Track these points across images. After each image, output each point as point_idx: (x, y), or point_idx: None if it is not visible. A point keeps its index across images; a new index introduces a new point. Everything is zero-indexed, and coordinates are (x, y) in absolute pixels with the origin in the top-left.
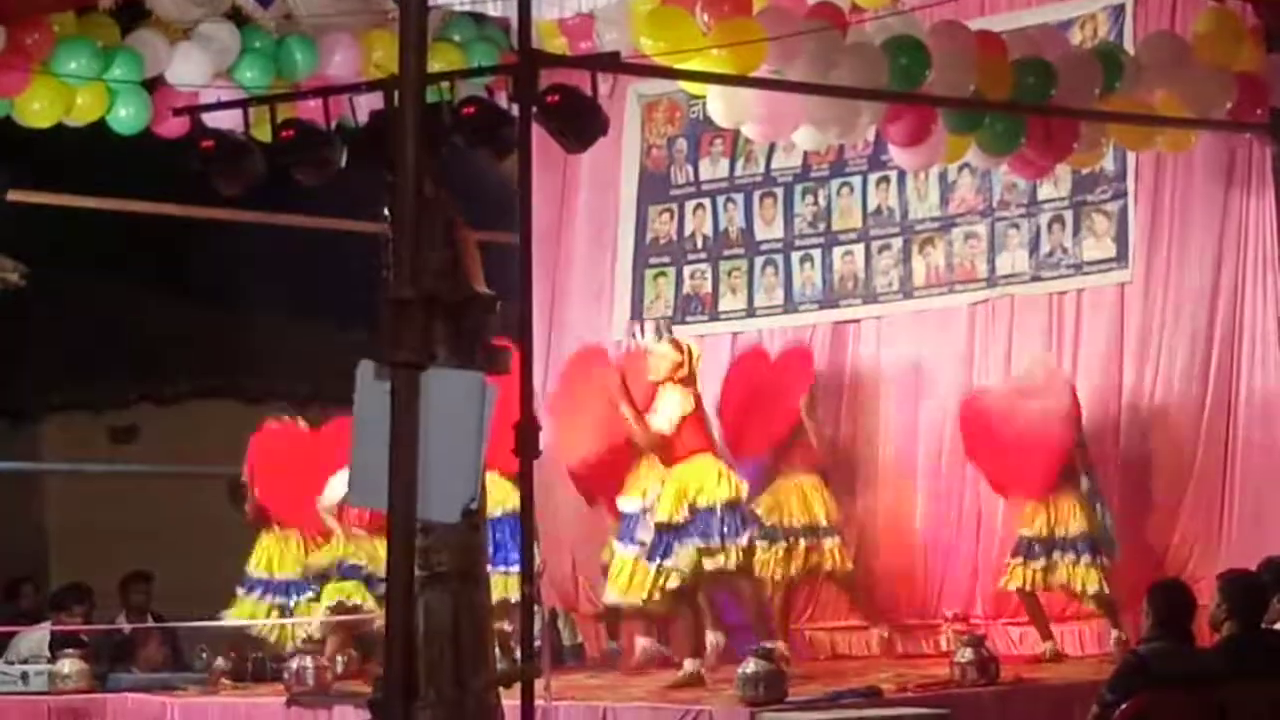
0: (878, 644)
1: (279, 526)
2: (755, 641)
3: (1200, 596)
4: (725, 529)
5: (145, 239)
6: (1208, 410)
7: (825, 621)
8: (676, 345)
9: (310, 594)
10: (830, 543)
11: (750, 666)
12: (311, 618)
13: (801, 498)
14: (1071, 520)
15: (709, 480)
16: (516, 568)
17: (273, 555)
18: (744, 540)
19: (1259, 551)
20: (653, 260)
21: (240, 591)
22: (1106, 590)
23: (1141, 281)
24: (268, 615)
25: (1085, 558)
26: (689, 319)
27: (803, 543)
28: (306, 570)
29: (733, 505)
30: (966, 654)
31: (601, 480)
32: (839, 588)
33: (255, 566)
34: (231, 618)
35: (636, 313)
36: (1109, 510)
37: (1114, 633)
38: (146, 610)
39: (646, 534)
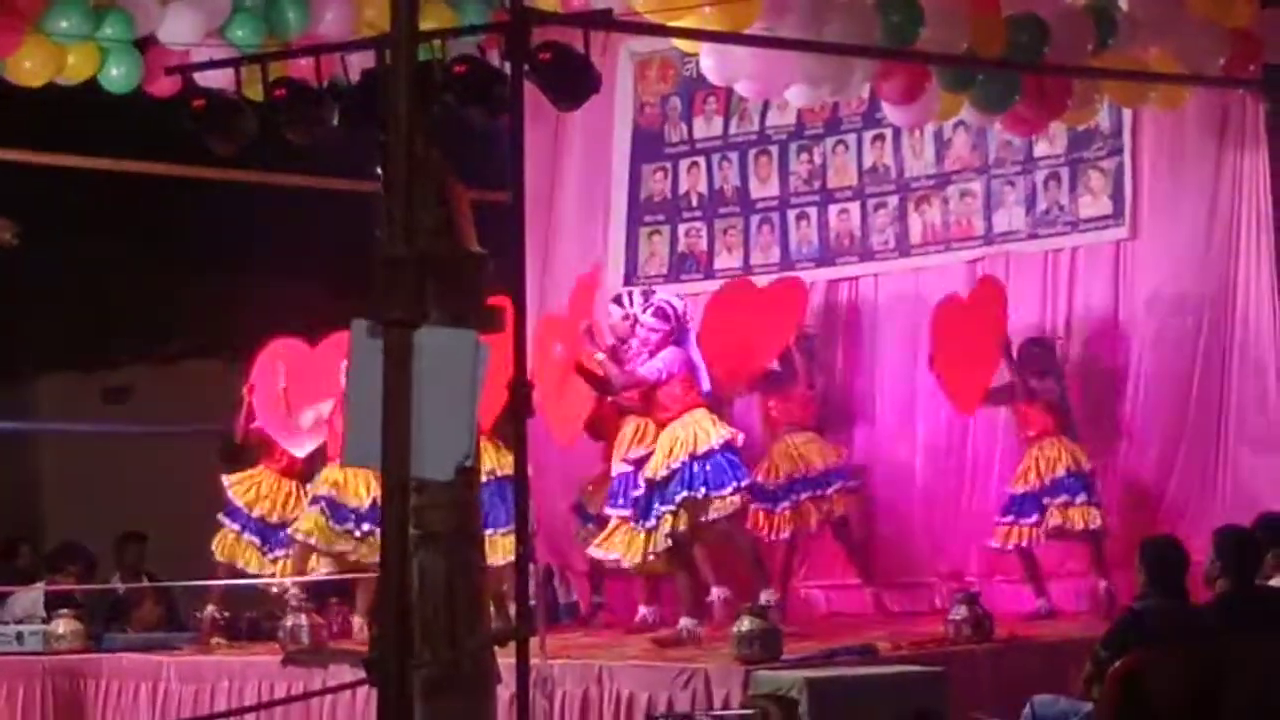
0: (873, 602)
1: (267, 458)
2: (754, 597)
3: (1194, 553)
4: (724, 476)
5: (138, 199)
6: (1201, 367)
7: (820, 579)
8: (663, 314)
9: (284, 552)
10: (834, 487)
11: (745, 625)
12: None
13: (798, 454)
14: (1059, 463)
15: (701, 431)
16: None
17: (260, 490)
18: (743, 484)
19: (1253, 508)
20: (647, 219)
21: (223, 518)
22: (1097, 525)
23: (1137, 239)
24: (246, 553)
25: (1080, 496)
26: (684, 277)
27: (804, 495)
28: (284, 519)
29: (728, 448)
30: (961, 611)
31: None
32: (838, 543)
33: (239, 494)
34: (215, 548)
35: (631, 270)
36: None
37: (1101, 583)
38: (141, 570)
39: (638, 493)
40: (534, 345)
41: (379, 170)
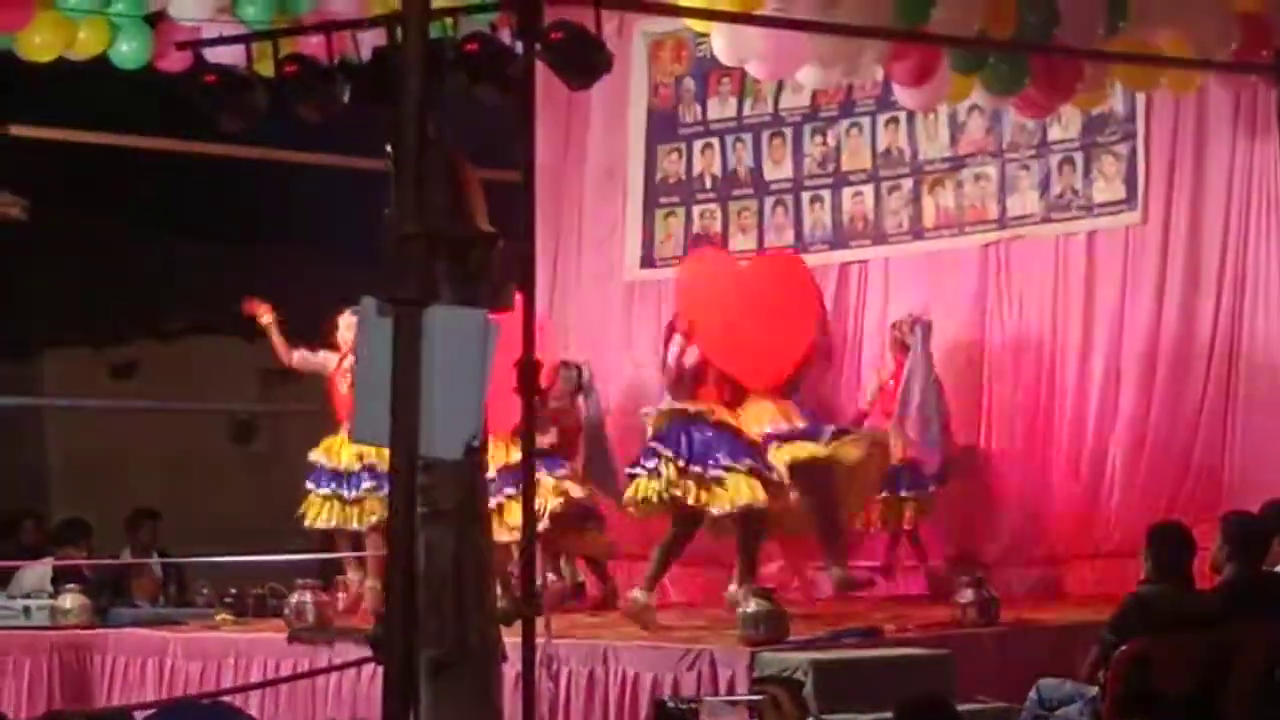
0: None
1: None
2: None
3: (1201, 539)
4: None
5: (147, 175)
6: (1215, 353)
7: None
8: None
9: (370, 483)
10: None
11: (751, 606)
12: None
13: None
14: None
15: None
16: None
17: (333, 441)
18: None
19: (1260, 494)
20: (662, 200)
21: (309, 484)
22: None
23: (1150, 223)
24: (325, 507)
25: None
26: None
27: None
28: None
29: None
30: (967, 595)
31: None
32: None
33: (318, 452)
34: (304, 514)
35: (648, 252)
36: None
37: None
38: (152, 547)
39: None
40: None
41: (389, 148)
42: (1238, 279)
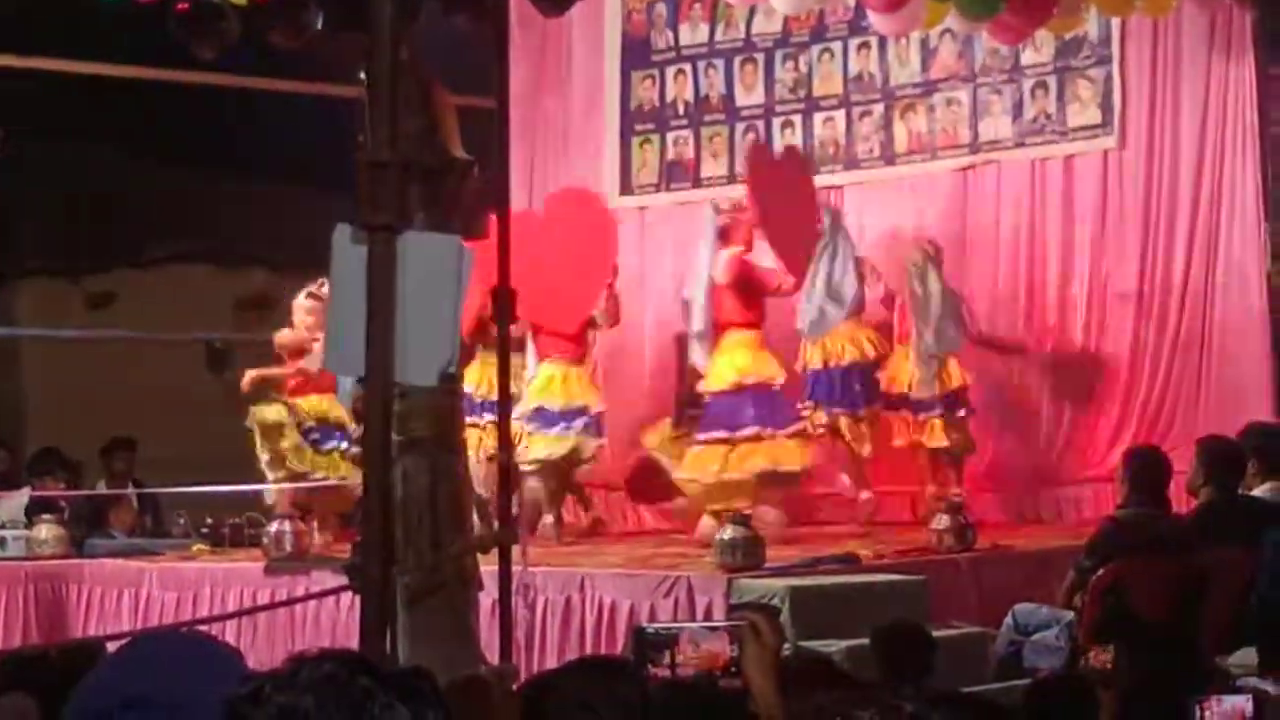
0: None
1: None
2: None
3: (1178, 463)
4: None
5: (122, 104)
6: (1191, 278)
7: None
8: None
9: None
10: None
11: (727, 533)
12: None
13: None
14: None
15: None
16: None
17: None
18: None
19: (1237, 418)
20: (638, 127)
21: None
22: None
23: (1128, 148)
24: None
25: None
26: (674, 186)
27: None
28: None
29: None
30: (943, 521)
31: None
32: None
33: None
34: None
35: (625, 180)
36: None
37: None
38: (128, 477)
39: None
40: None
41: (363, 75)
42: (1214, 199)
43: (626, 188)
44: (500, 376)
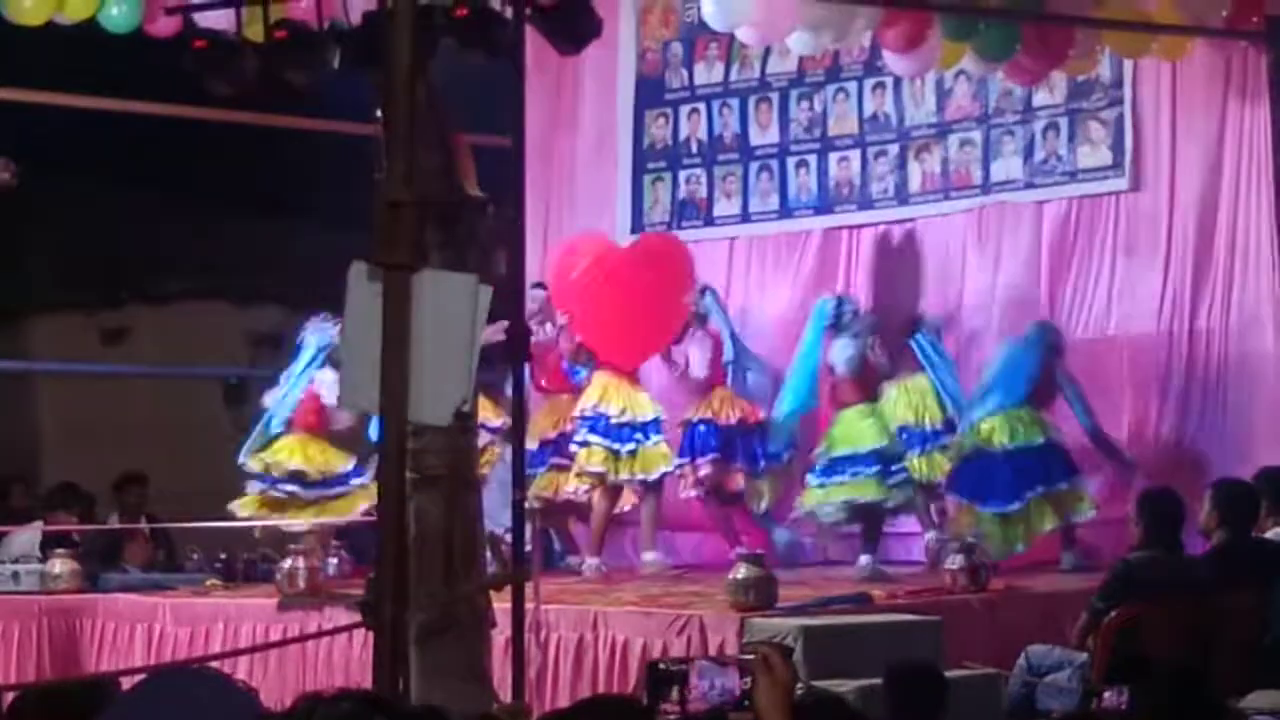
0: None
1: None
2: None
3: (1192, 509)
4: None
5: (138, 140)
6: (1205, 321)
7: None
8: None
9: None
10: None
11: (740, 572)
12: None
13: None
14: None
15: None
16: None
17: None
18: None
19: (1250, 461)
20: (650, 165)
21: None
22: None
23: (1140, 190)
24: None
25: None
26: (685, 224)
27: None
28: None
29: None
30: (957, 561)
31: None
32: None
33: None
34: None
35: (637, 217)
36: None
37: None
38: (141, 512)
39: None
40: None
41: (379, 113)
42: (1229, 242)
43: (638, 226)
44: (514, 413)
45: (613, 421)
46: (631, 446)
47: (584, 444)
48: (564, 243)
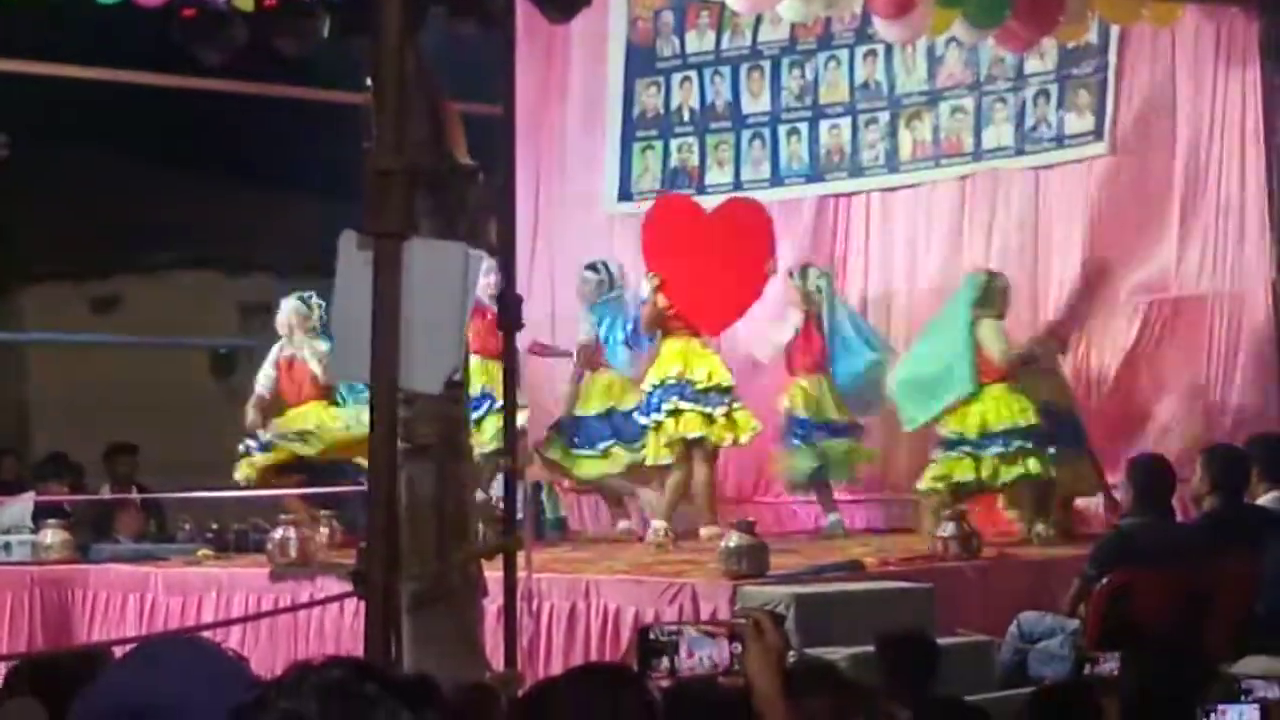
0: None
1: None
2: None
3: (1185, 473)
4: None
5: (128, 110)
6: (1195, 288)
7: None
8: None
9: None
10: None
11: (732, 540)
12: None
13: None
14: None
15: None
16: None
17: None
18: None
19: (1238, 428)
20: (640, 134)
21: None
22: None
23: (1125, 154)
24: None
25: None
26: (676, 192)
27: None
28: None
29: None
30: (948, 529)
31: None
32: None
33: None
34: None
35: (625, 186)
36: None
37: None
38: (131, 481)
39: None
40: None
41: (369, 82)
42: (1219, 209)
43: (626, 194)
44: (506, 381)
45: (699, 388)
46: (724, 409)
47: (674, 412)
48: (655, 204)
